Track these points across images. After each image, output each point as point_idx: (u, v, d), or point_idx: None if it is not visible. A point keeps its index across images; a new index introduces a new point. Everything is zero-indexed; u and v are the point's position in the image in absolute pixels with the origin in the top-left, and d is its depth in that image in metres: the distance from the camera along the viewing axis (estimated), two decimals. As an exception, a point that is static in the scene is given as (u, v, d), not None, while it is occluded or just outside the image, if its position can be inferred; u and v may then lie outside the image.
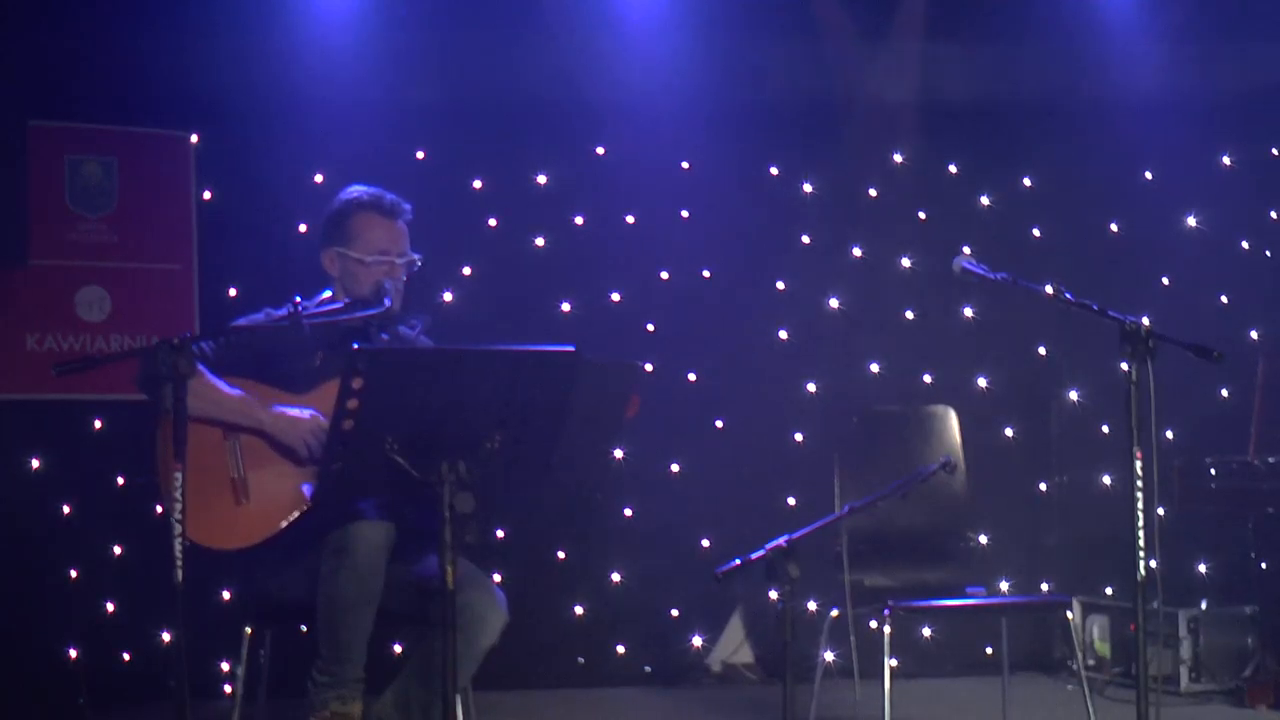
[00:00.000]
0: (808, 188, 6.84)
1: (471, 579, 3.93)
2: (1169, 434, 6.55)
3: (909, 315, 6.87)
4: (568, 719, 5.96)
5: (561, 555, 6.45)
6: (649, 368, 6.40)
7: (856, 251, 6.86)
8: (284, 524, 3.89)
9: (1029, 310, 6.64)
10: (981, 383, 6.82)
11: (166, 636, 5.75)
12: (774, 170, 6.82)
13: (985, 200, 6.95)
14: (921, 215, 6.91)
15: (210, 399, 3.91)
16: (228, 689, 5.70)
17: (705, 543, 6.46)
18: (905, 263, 6.88)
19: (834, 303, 6.78)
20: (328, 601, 3.83)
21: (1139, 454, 3.67)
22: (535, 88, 6.40)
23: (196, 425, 3.74)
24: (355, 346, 3.33)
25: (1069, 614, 5.26)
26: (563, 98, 6.44)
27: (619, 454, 6.14)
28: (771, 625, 6.49)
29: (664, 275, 6.65)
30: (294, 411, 3.96)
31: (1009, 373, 6.88)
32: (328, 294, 4.26)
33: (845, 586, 4.58)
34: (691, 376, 6.58)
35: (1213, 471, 6.07)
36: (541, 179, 6.55)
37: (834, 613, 4.89)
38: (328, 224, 4.29)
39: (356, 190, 4.29)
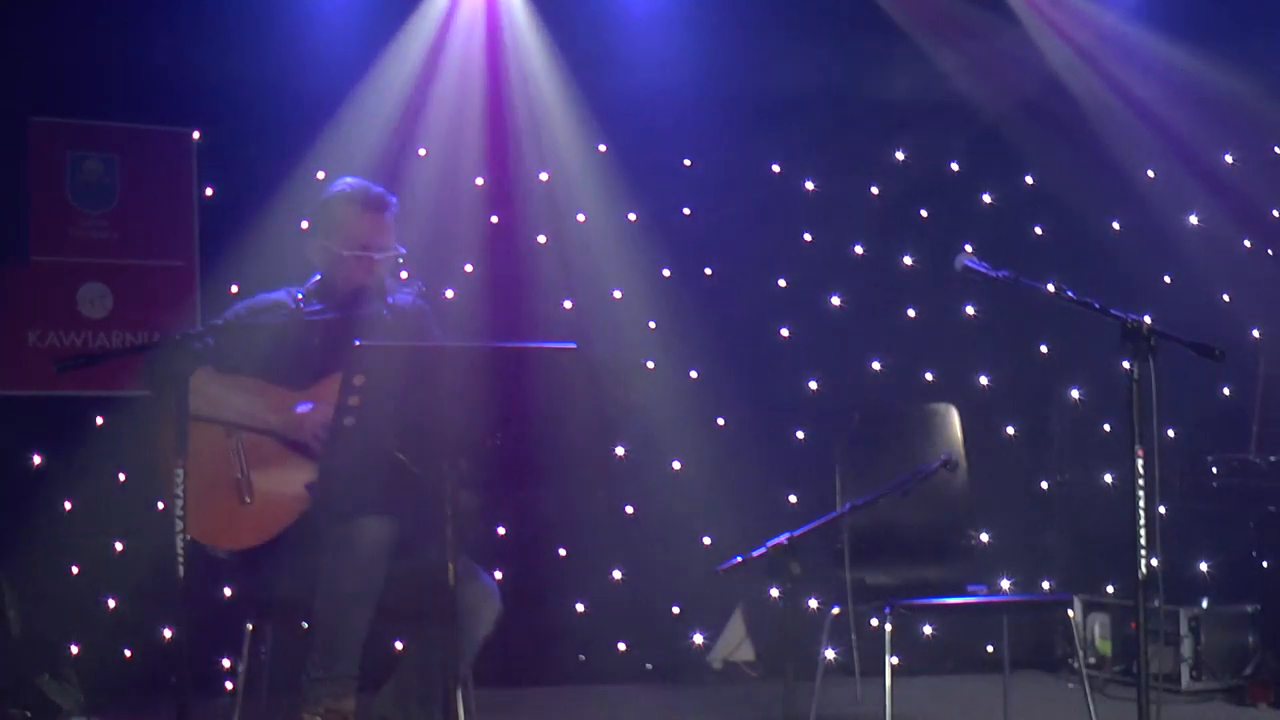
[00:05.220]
0: (809, 185, 6.84)
1: (464, 571, 3.92)
2: (1170, 432, 6.54)
3: (910, 313, 6.87)
4: (568, 715, 5.96)
5: (562, 552, 6.44)
6: (650, 365, 6.41)
7: (858, 249, 6.86)
8: (289, 522, 3.89)
9: (1030, 308, 6.65)
10: (983, 380, 6.82)
11: (168, 633, 5.75)
12: (775, 168, 6.82)
13: (987, 198, 6.95)
14: (923, 213, 6.91)
15: (214, 401, 3.90)
16: (229, 685, 5.70)
17: (706, 540, 6.45)
18: (907, 260, 6.88)
19: (835, 300, 6.78)
20: (328, 596, 3.83)
21: (1140, 452, 3.67)
22: (536, 85, 6.39)
23: (198, 425, 3.73)
24: (357, 343, 3.32)
25: (1070, 612, 5.26)
26: (564, 94, 6.44)
27: (620, 451, 6.14)
28: (773, 622, 6.49)
29: (665, 273, 6.64)
30: (299, 409, 3.96)
31: (1010, 371, 6.88)
32: (319, 278, 4.23)
33: (846, 584, 4.58)
34: (693, 374, 6.58)
35: (1214, 470, 6.08)
36: (543, 176, 6.55)
37: (835, 610, 4.88)
38: (314, 215, 4.28)
39: (342, 182, 4.25)
